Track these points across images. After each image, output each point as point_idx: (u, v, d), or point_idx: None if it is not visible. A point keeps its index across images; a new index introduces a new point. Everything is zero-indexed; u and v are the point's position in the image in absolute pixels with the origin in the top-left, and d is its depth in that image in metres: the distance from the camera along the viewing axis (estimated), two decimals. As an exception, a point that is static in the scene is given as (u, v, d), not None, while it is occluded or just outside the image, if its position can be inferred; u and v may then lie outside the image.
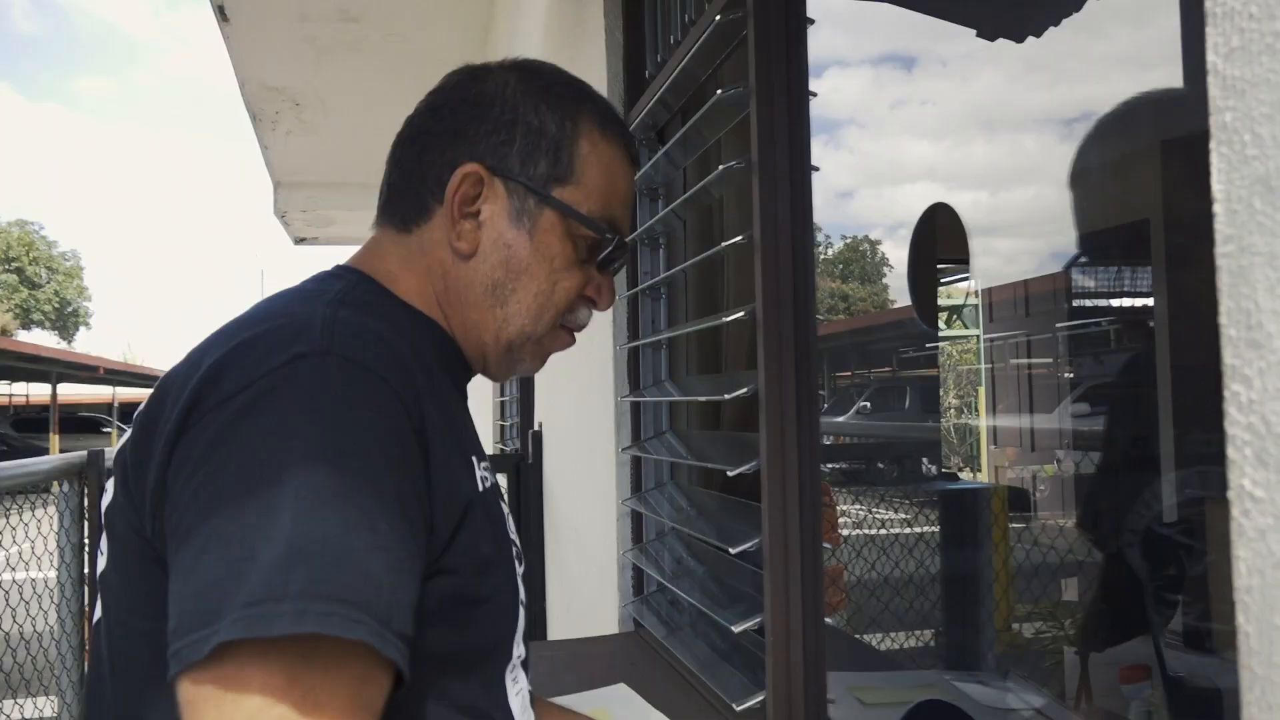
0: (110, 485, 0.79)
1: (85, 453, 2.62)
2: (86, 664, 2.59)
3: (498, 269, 0.88)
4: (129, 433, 0.78)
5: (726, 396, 1.37)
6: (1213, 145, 0.53)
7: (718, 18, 1.46)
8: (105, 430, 24.97)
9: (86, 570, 2.59)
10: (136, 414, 0.78)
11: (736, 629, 1.35)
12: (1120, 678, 1.38)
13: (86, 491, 2.61)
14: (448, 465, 0.75)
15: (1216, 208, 0.53)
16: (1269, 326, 0.50)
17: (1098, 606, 1.73)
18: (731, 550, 1.36)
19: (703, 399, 1.62)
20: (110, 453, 2.73)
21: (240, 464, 0.65)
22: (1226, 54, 0.52)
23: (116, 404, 25.25)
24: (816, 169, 1.34)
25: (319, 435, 0.66)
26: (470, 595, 0.77)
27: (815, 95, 1.34)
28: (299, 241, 7.53)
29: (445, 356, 0.88)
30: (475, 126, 0.87)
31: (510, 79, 0.89)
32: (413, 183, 0.89)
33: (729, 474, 1.37)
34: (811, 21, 1.32)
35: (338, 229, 7.26)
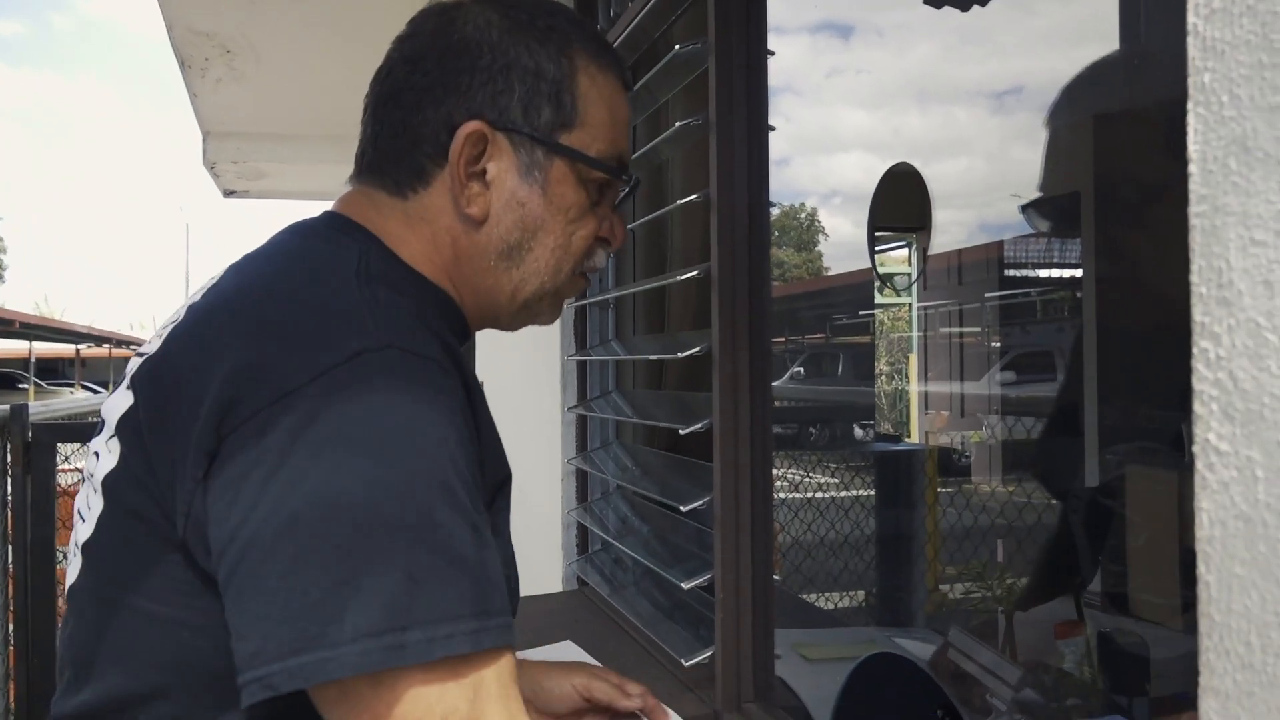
0: (106, 447, 0.74)
1: (8, 407, 2.53)
2: (11, 622, 2.52)
3: (513, 230, 0.83)
4: (127, 399, 0.73)
5: (680, 355, 1.37)
6: (1190, 106, 0.54)
7: (675, -28, 1.44)
8: (21, 386, 24.16)
9: (11, 527, 2.51)
10: (136, 383, 0.73)
11: (686, 585, 1.37)
12: (1056, 634, 1.42)
13: (10, 447, 2.52)
14: (494, 445, 0.76)
15: (1192, 168, 0.54)
16: (1239, 285, 0.51)
17: (1032, 566, 1.78)
18: (682, 508, 1.37)
19: (652, 358, 1.62)
20: (37, 408, 2.64)
21: (325, 477, 0.62)
22: (1207, 15, 0.53)
23: (34, 359, 24.42)
24: (773, 128, 1.33)
25: (408, 442, 0.64)
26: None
27: (774, 54, 1.33)
28: (229, 194, 7.32)
29: (451, 325, 0.84)
30: (466, 78, 0.81)
31: (492, 18, 0.82)
32: (403, 145, 0.83)
33: (681, 432, 1.37)
34: (771, -22, 1.31)
35: (270, 182, 7.06)
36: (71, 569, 0.77)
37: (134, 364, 0.77)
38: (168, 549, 0.69)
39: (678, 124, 1.37)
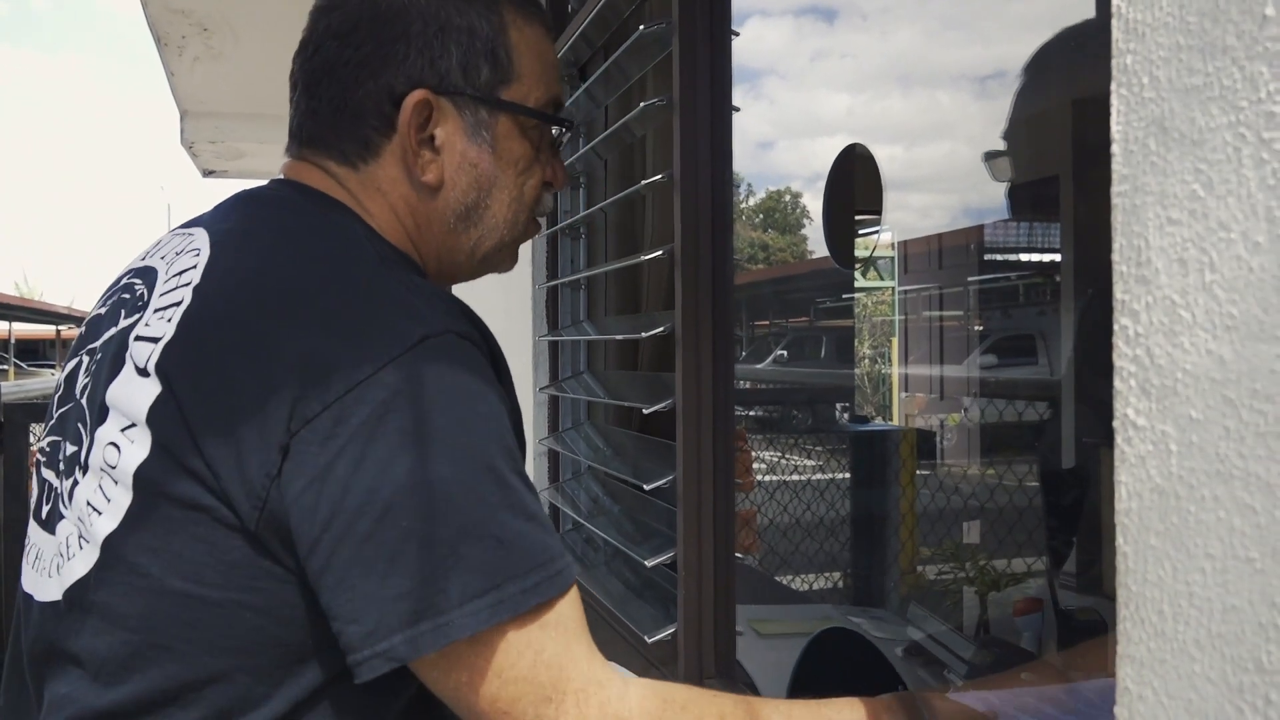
0: (127, 437, 0.73)
1: (-19, 387, 2.53)
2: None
3: (469, 191, 0.85)
4: (151, 388, 0.72)
5: (643, 335, 1.38)
6: (1114, 87, 0.55)
7: (642, -48, 1.44)
8: (2, 367, 23.99)
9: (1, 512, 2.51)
10: (164, 373, 0.72)
11: (649, 563, 1.38)
12: (1014, 610, 1.44)
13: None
14: (517, 410, 0.80)
15: (1114, 148, 0.55)
16: (1156, 263, 0.52)
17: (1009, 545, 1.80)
18: (646, 486, 1.38)
19: (620, 338, 1.63)
20: (9, 388, 2.63)
21: (410, 466, 0.67)
22: (1130, -3, 0.54)
23: (13, 339, 24.23)
24: (738, 109, 1.34)
25: (468, 421, 0.70)
26: None
27: (738, 35, 1.33)
28: (207, 174, 7.27)
29: None
30: (402, 46, 0.81)
31: None
32: (345, 119, 0.83)
33: (644, 411, 1.38)
34: (736, -41, 1.32)
35: (248, 162, 7.02)
36: (76, 564, 0.74)
37: (142, 349, 0.74)
38: (228, 535, 0.69)
39: (641, 104, 1.38)
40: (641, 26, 1.38)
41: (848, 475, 3.22)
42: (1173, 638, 0.52)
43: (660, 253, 1.36)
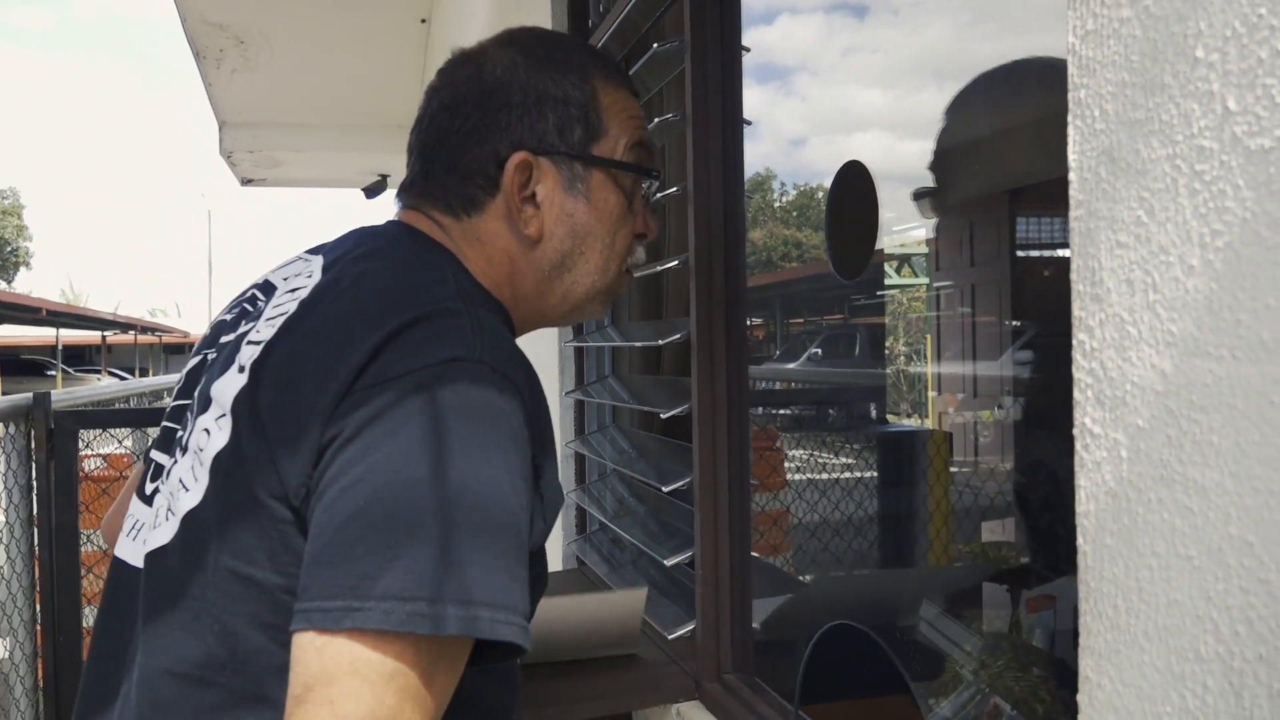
0: (216, 425, 0.81)
1: (31, 395, 2.62)
2: (38, 603, 2.62)
3: (565, 240, 0.93)
4: (240, 381, 0.81)
5: (660, 341, 1.43)
6: (1070, 118, 0.59)
7: (656, -30, 1.49)
8: (49, 373, 24.49)
9: (36, 511, 2.61)
10: (255, 369, 0.80)
11: (668, 562, 1.43)
12: (1027, 607, 1.47)
13: (33, 434, 2.62)
14: (552, 466, 0.83)
15: (1071, 175, 0.59)
16: (1108, 282, 0.56)
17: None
18: (664, 488, 1.43)
19: (640, 344, 1.67)
20: (59, 395, 2.73)
21: (392, 452, 0.71)
22: (1083, 36, 0.58)
23: (60, 346, 24.74)
24: (749, 123, 1.38)
25: (468, 442, 0.72)
26: (536, 574, 0.83)
27: (749, 50, 1.38)
28: (246, 182, 7.41)
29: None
30: (505, 115, 0.90)
31: (517, 59, 0.92)
32: (454, 179, 0.92)
33: (662, 416, 1.43)
34: (745, -23, 1.36)
35: (285, 170, 7.14)
36: (160, 533, 0.84)
37: (249, 351, 0.83)
38: (275, 522, 0.76)
39: (656, 119, 1.43)
40: (655, 45, 1.43)
41: (878, 474, 3.23)
42: (1126, 630, 0.56)
43: (676, 262, 1.41)
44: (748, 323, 1.42)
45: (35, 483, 2.62)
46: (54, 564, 2.61)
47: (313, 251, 0.95)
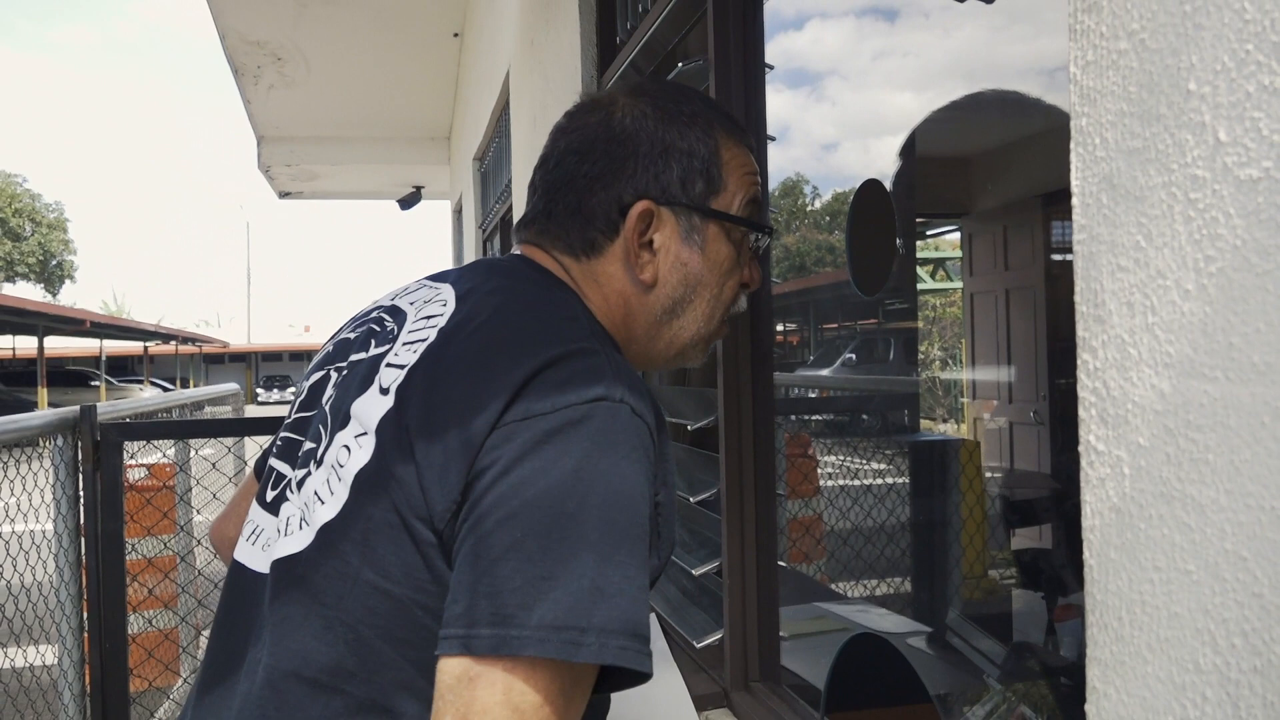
0: (357, 443, 0.85)
1: (78, 408, 2.69)
2: (85, 611, 2.68)
3: (678, 288, 0.96)
4: (385, 403, 0.85)
5: (687, 355, 1.45)
6: (1072, 146, 0.61)
7: (681, -10, 1.51)
8: (94, 384, 24.94)
9: (83, 521, 2.68)
10: (400, 393, 0.84)
11: (697, 572, 1.45)
12: (1054, 616, 1.48)
13: (80, 445, 2.69)
14: (670, 505, 0.86)
15: (1074, 201, 0.61)
16: (1109, 304, 0.58)
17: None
18: (692, 499, 1.45)
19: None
20: (104, 408, 2.80)
21: (547, 486, 0.75)
22: (1084, 66, 0.60)
23: (104, 356, 25.20)
24: (773, 138, 1.40)
25: (613, 478, 0.76)
26: None
27: (772, 68, 1.40)
28: (283, 196, 7.54)
29: None
30: (631, 164, 0.94)
31: (646, 110, 0.95)
32: (578, 221, 0.96)
33: (690, 428, 1.45)
34: (768, -4, 1.38)
35: (322, 183, 7.26)
36: (291, 541, 0.88)
37: (390, 374, 0.88)
38: (416, 541, 0.80)
39: (681, 138, 1.45)
40: (680, 64, 1.46)
41: (909, 481, 3.23)
42: (1130, 641, 0.57)
43: (701, 277, 1.43)
44: (778, 329, 1.44)
45: (82, 493, 2.69)
46: (100, 572, 2.68)
47: (436, 279, 1.00)
